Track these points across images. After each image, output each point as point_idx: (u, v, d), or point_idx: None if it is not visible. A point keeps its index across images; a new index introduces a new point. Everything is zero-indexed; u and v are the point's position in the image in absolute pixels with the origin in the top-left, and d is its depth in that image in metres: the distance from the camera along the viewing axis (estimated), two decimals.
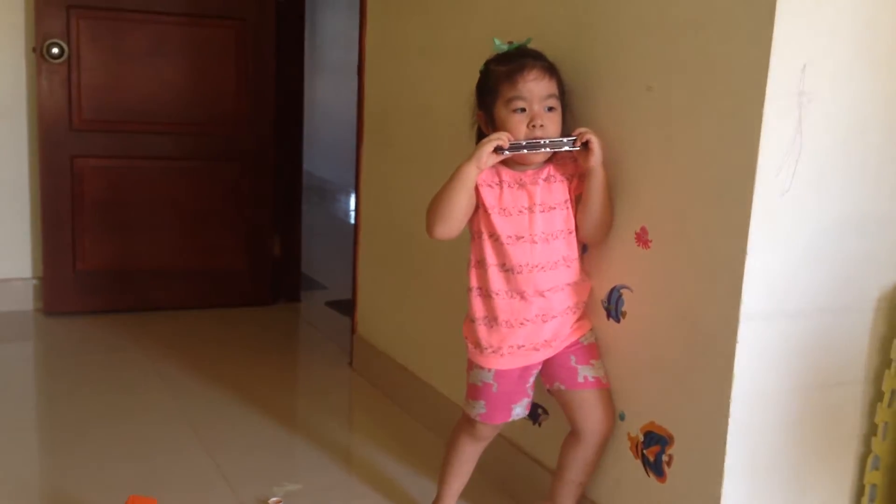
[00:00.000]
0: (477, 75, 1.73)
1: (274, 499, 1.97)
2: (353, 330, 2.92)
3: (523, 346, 1.69)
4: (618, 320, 1.71)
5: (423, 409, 2.45)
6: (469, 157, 1.63)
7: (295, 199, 3.64)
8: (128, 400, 2.56)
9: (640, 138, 1.62)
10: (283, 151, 3.52)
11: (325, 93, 5.66)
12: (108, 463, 2.15)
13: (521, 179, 1.68)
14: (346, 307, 3.05)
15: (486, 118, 1.69)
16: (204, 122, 3.35)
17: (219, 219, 3.44)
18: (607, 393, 1.72)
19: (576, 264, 1.70)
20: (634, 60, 1.62)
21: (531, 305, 1.67)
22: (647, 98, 1.59)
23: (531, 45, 1.71)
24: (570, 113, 1.72)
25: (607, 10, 1.69)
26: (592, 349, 1.73)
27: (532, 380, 1.75)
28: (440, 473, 1.89)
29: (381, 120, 2.68)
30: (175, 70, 3.28)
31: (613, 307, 1.72)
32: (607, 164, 1.67)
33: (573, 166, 1.67)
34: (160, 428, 2.38)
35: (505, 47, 1.70)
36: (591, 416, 1.71)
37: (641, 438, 1.67)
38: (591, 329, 1.75)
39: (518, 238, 1.66)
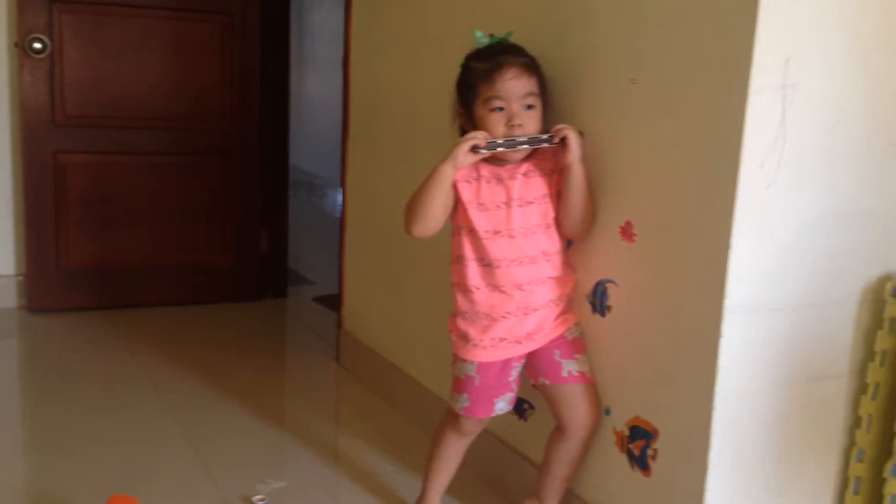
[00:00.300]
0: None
1: (259, 496, 1.96)
2: (339, 325, 2.91)
3: (505, 338, 1.69)
4: (603, 314, 1.70)
5: (409, 405, 2.44)
6: (445, 156, 1.63)
7: (281, 194, 3.63)
8: (112, 397, 2.55)
9: (624, 131, 1.62)
10: (269, 146, 3.50)
11: (313, 87, 5.64)
12: (91, 460, 2.13)
13: (499, 174, 1.67)
14: (334, 302, 3.04)
15: (466, 115, 1.69)
16: (189, 117, 3.33)
17: (204, 214, 3.42)
18: (592, 388, 1.72)
19: (557, 258, 1.69)
20: (618, 53, 1.61)
21: (511, 299, 1.67)
22: (632, 91, 1.58)
23: (513, 39, 1.70)
24: (551, 108, 1.71)
25: (591, 2, 1.68)
26: (577, 343, 1.73)
27: (515, 374, 1.75)
28: (425, 469, 1.89)
29: (367, 114, 2.67)
30: (160, 64, 3.25)
31: (599, 301, 1.71)
32: (591, 158, 1.66)
33: (553, 161, 1.67)
34: (144, 425, 2.36)
35: (486, 40, 1.69)
36: (576, 411, 1.70)
37: (627, 433, 1.66)
38: (576, 323, 1.74)
39: (496, 233, 1.66)
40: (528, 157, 1.68)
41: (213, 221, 3.43)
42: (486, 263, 1.67)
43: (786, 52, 1.36)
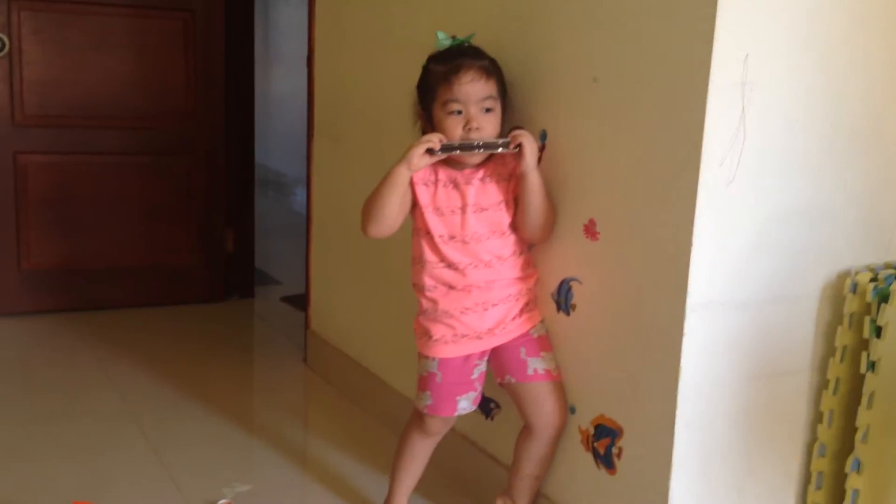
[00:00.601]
0: None
1: (223, 500, 1.94)
2: (306, 326, 2.88)
3: (466, 334, 1.69)
4: (568, 313, 1.70)
5: (377, 405, 2.43)
6: (400, 158, 1.62)
7: (247, 193, 3.59)
8: (73, 401, 2.50)
9: (586, 130, 1.61)
10: (234, 144, 3.46)
11: (281, 85, 5.59)
12: (51, 467, 2.10)
13: (456, 179, 1.67)
14: (301, 302, 3.02)
15: (426, 117, 1.69)
16: (152, 115, 3.28)
17: (169, 214, 3.37)
18: (559, 385, 1.71)
19: (514, 260, 1.69)
20: (580, 51, 1.61)
21: (468, 296, 1.67)
22: (593, 89, 1.58)
23: (475, 40, 1.69)
24: (512, 109, 1.70)
25: (552, 1, 1.67)
26: (543, 341, 1.72)
27: (477, 372, 1.74)
28: (392, 470, 1.88)
29: (332, 112, 2.65)
30: (122, 63, 3.20)
31: (563, 300, 1.71)
32: (554, 156, 1.66)
33: (512, 166, 1.66)
34: (106, 429, 2.33)
35: (448, 42, 1.68)
36: (542, 409, 1.70)
37: (592, 431, 1.66)
38: (541, 321, 1.74)
39: (451, 237, 1.67)
40: (486, 162, 1.68)
41: (178, 221, 3.38)
42: (444, 265, 1.67)
43: (745, 50, 1.37)
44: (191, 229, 3.41)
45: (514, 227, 1.69)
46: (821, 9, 1.43)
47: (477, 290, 1.67)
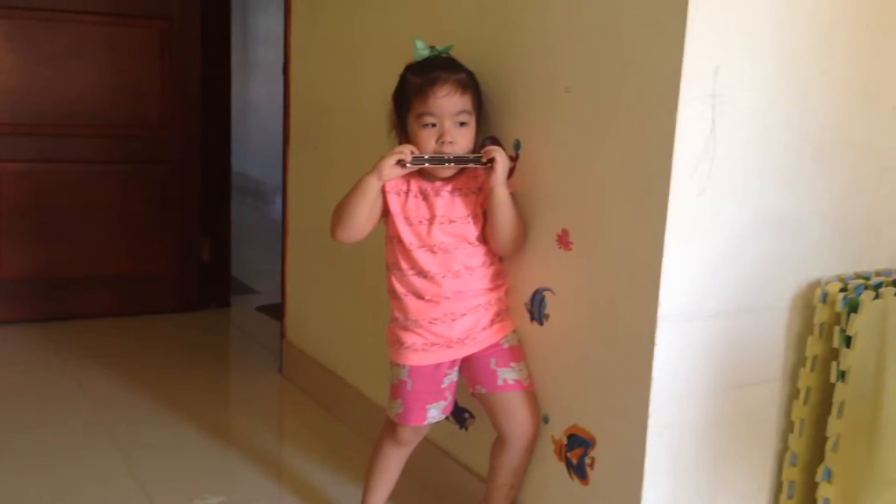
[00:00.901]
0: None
1: None
2: (282, 335, 2.87)
3: (436, 343, 1.69)
4: (541, 323, 1.70)
5: (352, 416, 2.42)
6: (372, 167, 1.62)
7: (224, 202, 3.57)
8: (44, 412, 2.48)
9: (559, 140, 1.62)
10: (210, 153, 3.45)
11: (260, 93, 5.58)
12: (20, 477, 2.07)
13: (426, 190, 1.67)
14: (278, 312, 3.00)
15: (400, 127, 1.69)
16: (128, 124, 3.27)
17: (145, 223, 3.35)
18: (530, 395, 1.71)
19: (482, 271, 1.69)
20: (553, 62, 1.61)
21: (437, 306, 1.67)
22: (566, 100, 1.58)
23: (453, 52, 1.70)
24: (486, 121, 1.71)
25: (528, 12, 1.67)
26: (515, 352, 1.72)
27: (447, 381, 1.74)
28: (365, 480, 1.87)
29: (308, 121, 2.64)
30: (97, 71, 3.18)
31: (537, 309, 1.71)
32: (527, 166, 1.66)
33: (482, 179, 1.66)
34: (77, 440, 2.30)
35: (426, 52, 1.68)
36: (513, 419, 1.70)
37: (565, 441, 1.66)
38: (513, 331, 1.74)
39: (420, 246, 1.67)
40: (457, 175, 1.68)
41: (154, 230, 3.36)
42: (415, 273, 1.68)
43: (714, 62, 1.37)
44: (166, 238, 3.39)
45: (484, 239, 1.69)
46: (789, 21, 1.44)
47: (446, 300, 1.67)
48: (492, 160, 1.60)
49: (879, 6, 1.54)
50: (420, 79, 1.62)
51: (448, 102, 1.60)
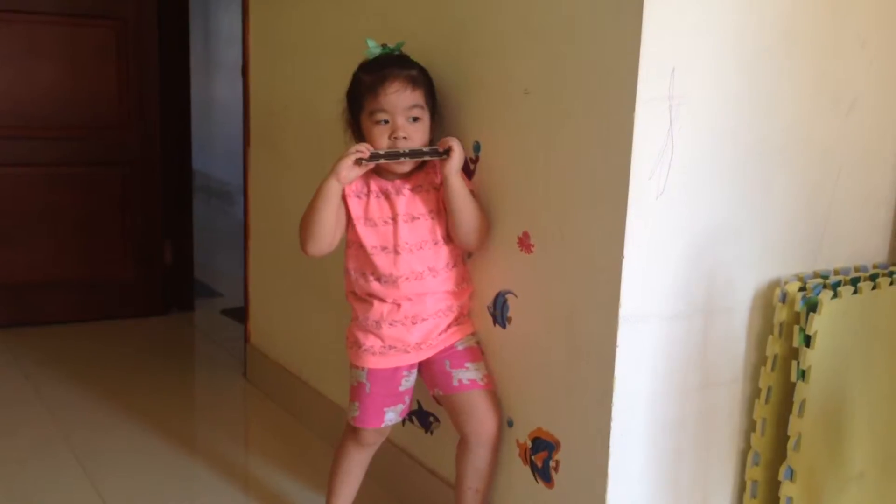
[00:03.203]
0: None
1: None
2: (246, 339, 2.83)
3: (394, 346, 1.68)
4: (504, 326, 1.69)
5: (317, 420, 2.39)
6: (330, 171, 1.60)
7: (185, 204, 3.52)
8: (1, 420, 2.42)
9: (519, 142, 1.60)
10: (170, 154, 3.40)
11: (222, 92, 5.51)
12: None
13: (386, 189, 1.66)
14: (242, 315, 2.96)
15: (354, 126, 1.67)
16: (84, 125, 3.21)
17: (104, 226, 3.29)
18: (489, 394, 1.70)
19: (447, 273, 1.68)
20: (511, 63, 1.60)
21: (398, 309, 1.66)
22: (525, 101, 1.57)
23: (407, 49, 1.68)
24: (441, 118, 1.69)
25: (485, 12, 1.66)
26: (471, 352, 1.71)
27: (406, 384, 1.73)
28: (328, 485, 1.85)
29: (268, 121, 2.61)
30: (51, 72, 3.12)
31: (499, 313, 1.69)
32: (487, 168, 1.65)
33: (441, 176, 1.65)
34: (35, 450, 2.25)
35: (378, 50, 1.67)
36: (471, 419, 1.69)
37: (530, 445, 1.65)
38: (471, 333, 1.73)
39: (382, 248, 1.65)
40: (416, 172, 1.67)
41: (114, 233, 3.31)
42: (374, 278, 1.66)
43: (671, 63, 1.37)
44: (127, 241, 3.34)
45: (449, 237, 1.67)
46: (746, 22, 1.44)
47: (407, 302, 1.65)
48: (449, 149, 1.59)
49: (837, 8, 1.54)
50: (371, 76, 1.62)
51: (399, 98, 1.59)
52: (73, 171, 3.22)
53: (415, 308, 1.66)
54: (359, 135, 1.66)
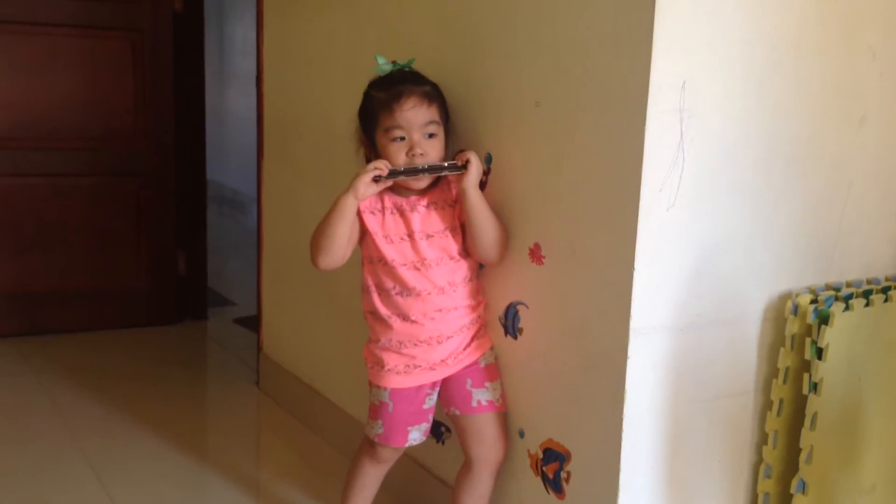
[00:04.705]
0: None
1: None
2: (258, 348, 2.85)
3: (419, 365, 1.67)
4: (515, 337, 1.70)
5: (330, 430, 2.40)
6: (347, 187, 1.60)
7: (199, 214, 3.54)
8: (15, 429, 2.44)
9: (530, 155, 1.61)
10: (184, 164, 3.42)
11: (237, 103, 5.54)
12: None
13: (401, 206, 1.66)
14: (255, 324, 2.98)
15: (369, 144, 1.67)
16: (101, 136, 3.23)
17: (119, 236, 3.32)
18: (501, 417, 1.71)
19: (464, 287, 1.68)
20: (522, 76, 1.61)
21: (423, 328, 1.65)
22: (536, 114, 1.58)
23: (418, 64, 1.69)
24: (454, 134, 1.70)
25: (497, 26, 1.67)
26: (490, 371, 1.71)
27: (429, 402, 1.72)
28: (342, 497, 1.85)
29: (282, 132, 2.63)
30: (69, 84, 3.15)
31: (510, 324, 1.70)
32: (499, 180, 1.65)
33: (456, 192, 1.65)
34: (49, 458, 2.27)
35: (388, 67, 1.67)
36: (484, 441, 1.69)
37: (541, 455, 1.66)
38: (490, 348, 1.73)
39: (402, 264, 1.64)
40: (431, 189, 1.66)
41: (128, 243, 3.33)
42: (397, 293, 1.65)
43: (682, 76, 1.37)
44: (141, 251, 3.36)
45: (467, 252, 1.67)
46: (756, 35, 1.45)
47: (431, 321, 1.64)
48: (467, 162, 1.59)
49: (846, 20, 1.54)
50: (385, 93, 1.61)
51: (415, 115, 1.59)
52: (89, 181, 3.24)
53: (438, 326, 1.65)
54: (374, 153, 1.65)
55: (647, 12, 1.33)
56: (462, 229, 1.67)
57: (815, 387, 1.52)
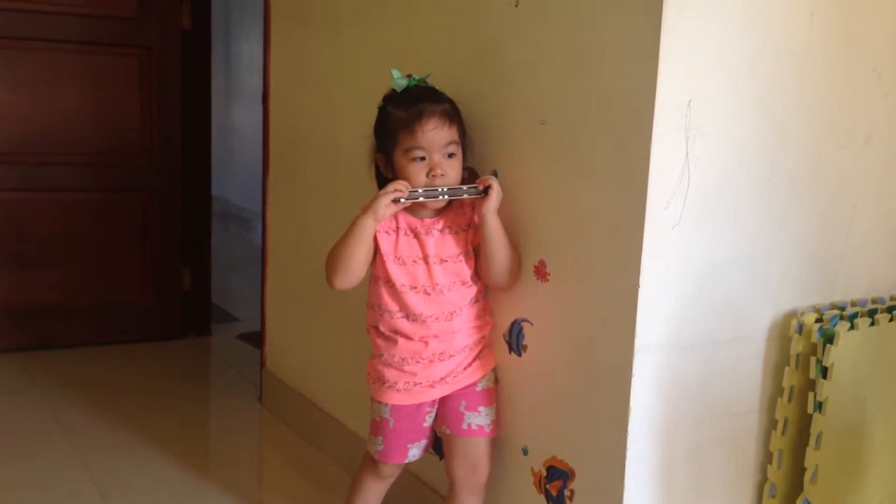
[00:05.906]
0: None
1: None
2: (262, 364, 2.84)
3: (420, 383, 1.67)
4: (519, 354, 1.70)
5: (333, 446, 2.40)
6: (365, 208, 1.58)
7: (204, 230, 3.55)
8: (18, 445, 2.43)
9: (535, 171, 1.62)
10: (190, 181, 3.44)
11: (243, 120, 5.58)
12: None
13: (416, 228, 1.64)
14: (258, 340, 2.98)
15: (386, 162, 1.64)
16: (107, 152, 3.25)
17: (124, 252, 3.33)
18: (489, 443, 1.71)
19: (469, 310, 1.67)
20: (529, 93, 1.62)
21: (426, 347, 1.65)
22: (542, 131, 1.59)
23: (431, 80, 1.68)
24: (471, 151, 1.70)
25: (503, 43, 1.68)
26: (488, 395, 1.70)
27: (429, 420, 1.72)
28: None
29: (288, 149, 2.64)
30: (75, 99, 3.17)
31: (515, 341, 1.70)
32: (504, 198, 1.66)
33: (470, 216, 1.65)
34: (52, 474, 2.26)
35: (404, 81, 1.64)
36: (464, 463, 1.69)
37: (544, 473, 1.65)
38: (492, 369, 1.72)
39: (412, 287, 1.63)
40: (445, 212, 1.65)
41: (133, 258, 3.34)
42: (402, 315, 1.65)
43: (687, 95, 1.38)
44: (146, 266, 3.37)
45: (478, 276, 1.67)
46: (761, 54, 1.45)
47: (435, 340, 1.64)
48: (488, 188, 1.58)
49: (851, 40, 1.55)
50: (405, 112, 1.59)
51: (437, 136, 1.57)
52: (95, 196, 3.26)
53: (442, 346, 1.64)
54: (391, 171, 1.63)
55: (654, 32, 1.34)
56: (475, 253, 1.66)
57: (820, 406, 1.52)
